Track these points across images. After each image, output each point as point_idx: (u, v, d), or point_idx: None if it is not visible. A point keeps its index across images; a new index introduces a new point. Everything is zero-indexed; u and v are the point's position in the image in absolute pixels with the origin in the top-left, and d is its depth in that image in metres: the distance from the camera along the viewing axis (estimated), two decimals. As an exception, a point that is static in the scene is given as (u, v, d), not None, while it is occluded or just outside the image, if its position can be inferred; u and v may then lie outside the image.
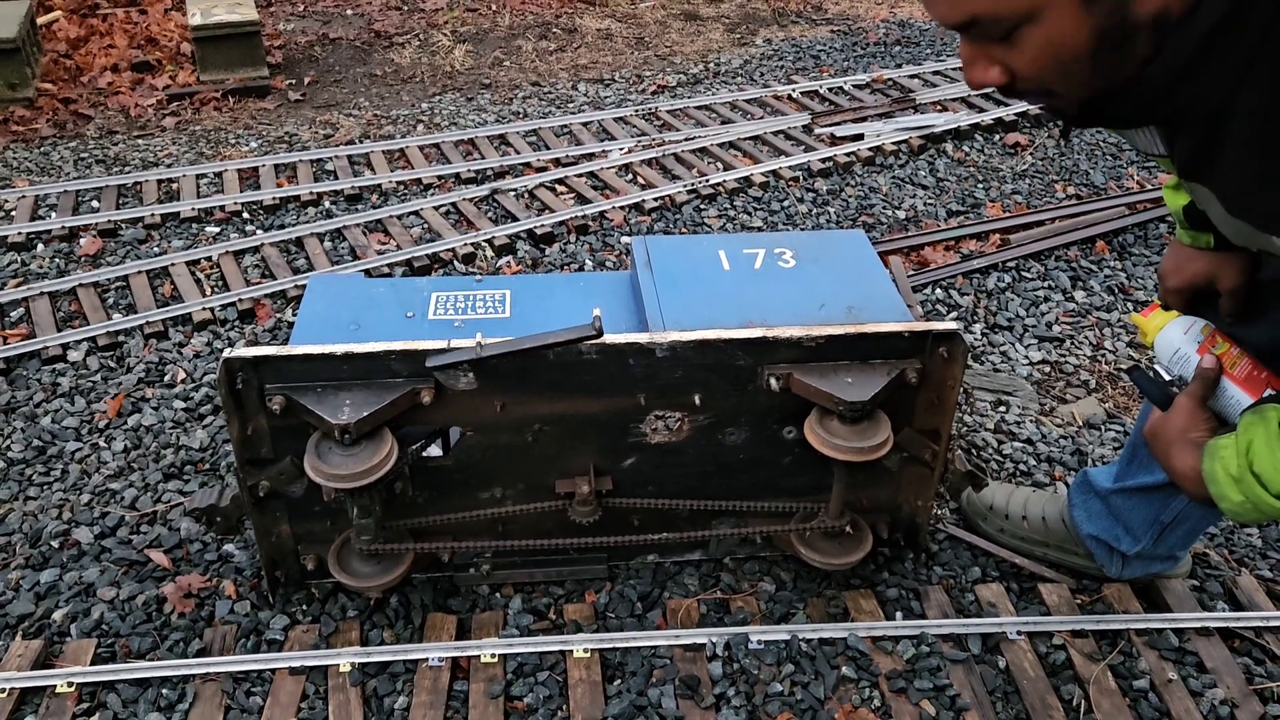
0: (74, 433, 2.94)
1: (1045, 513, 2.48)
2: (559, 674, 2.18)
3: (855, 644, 2.22)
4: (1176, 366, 1.73)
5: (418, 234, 3.98)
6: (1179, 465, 1.58)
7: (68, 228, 3.94)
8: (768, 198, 4.30)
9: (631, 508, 2.27)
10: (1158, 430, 1.64)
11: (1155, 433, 1.65)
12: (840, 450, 2.07)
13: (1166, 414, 1.64)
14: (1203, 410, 1.60)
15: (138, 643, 2.26)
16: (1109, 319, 3.57)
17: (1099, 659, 2.22)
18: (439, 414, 2.13)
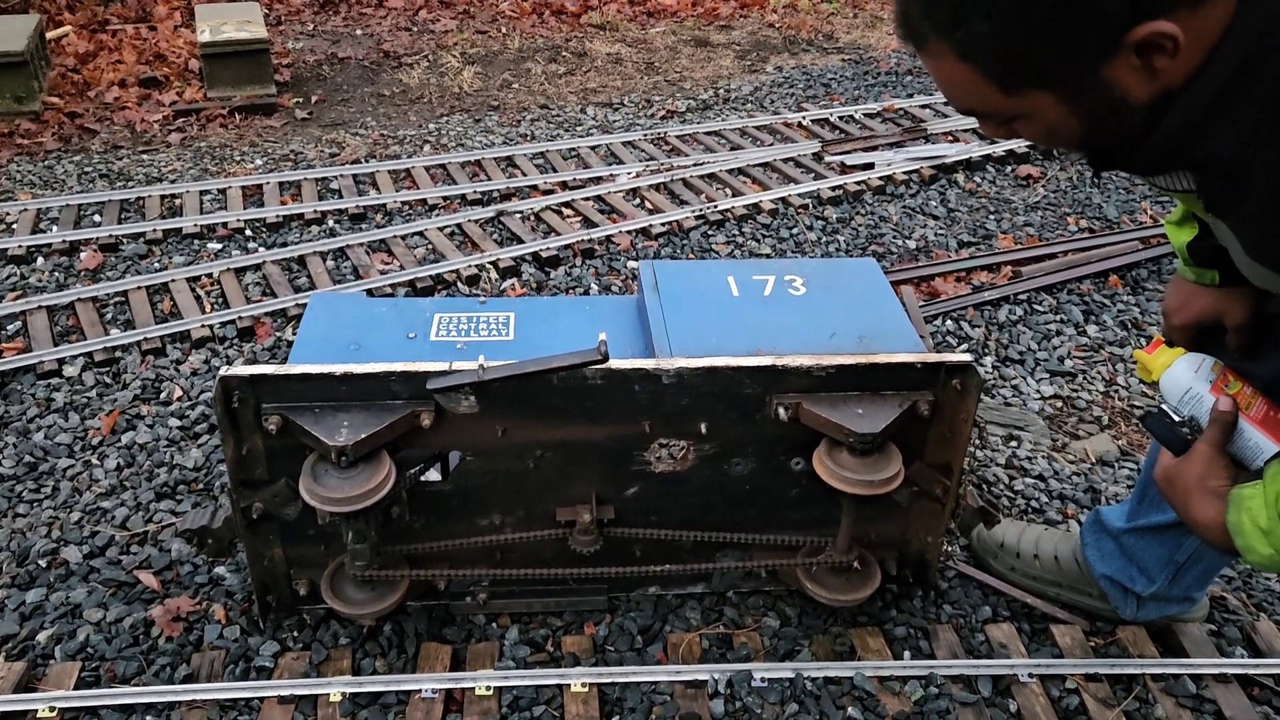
0: (67, 449, 2.89)
1: (1058, 552, 2.41)
2: (555, 709, 2.11)
3: (862, 684, 2.15)
4: (1187, 407, 1.66)
5: (421, 254, 3.94)
6: (1201, 516, 1.52)
7: (68, 242, 3.91)
8: (776, 225, 4.26)
9: (633, 538, 2.21)
10: (1173, 477, 1.58)
11: (1170, 479, 1.59)
12: (849, 483, 2.02)
13: (1183, 460, 1.57)
14: (1222, 457, 1.54)
15: (123, 667, 2.20)
16: (1122, 354, 3.51)
17: (1113, 705, 2.15)
18: (439, 437, 2.07)
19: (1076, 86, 1.14)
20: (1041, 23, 1.09)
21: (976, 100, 1.23)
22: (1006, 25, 1.11)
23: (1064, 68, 1.13)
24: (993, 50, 1.15)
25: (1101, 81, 1.11)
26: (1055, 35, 1.10)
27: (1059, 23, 1.08)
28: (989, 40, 1.13)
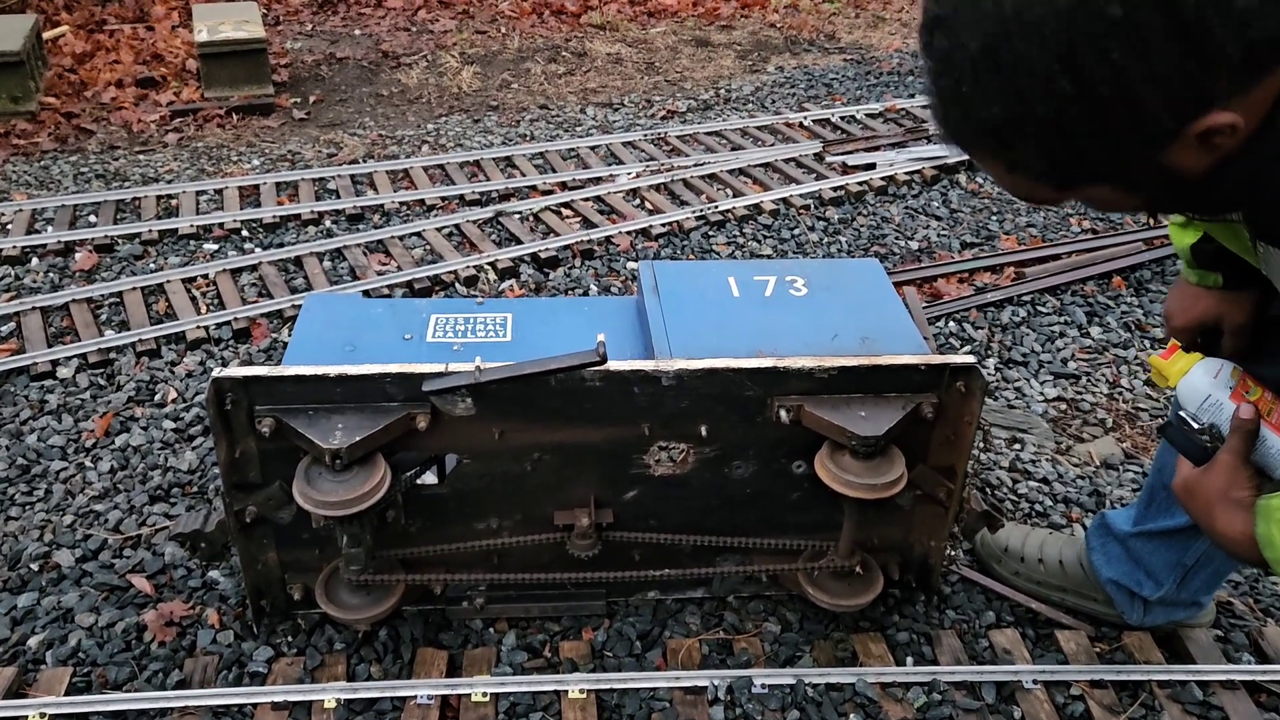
0: (60, 451, 2.86)
1: (1063, 556, 2.38)
2: (553, 715, 2.08)
3: (864, 690, 2.12)
4: (1206, 414, 1.61)
5: (419, 255, 3.91)
6: (1226, 528, 1.46)
7: (63, 242, 3.87)
8: (778, 225, 4.23)
9: (632, 542, 2.17)
10: (1194, 488, 1.52)
11: (1191, 491, 1.53)
12: (852, 486, 1.98)
13: (1204, 471, 1.51)
14: (1245, 467, 1.49)
15: (115, 672, 2.17)
16: (1126, 356, 3.48)
17: (1119, 711, 2.12)
18: (435, 440, 2.04)
19: (1132, 178, 1.08)
20: (1090, 136, 1.01)
21: (1028, 194, 1.19)
22: (1053, 144, 1.04)
23: (1117, 169, 1.07)
24: (1041, 165, 1.09)
25: (1159, 166, 1.05)
26: (1106, 145, 1.03)
27: (1108, 134, 1.01)
28: (1037, 158, 1.07)
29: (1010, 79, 0.98)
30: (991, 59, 0.98)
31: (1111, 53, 0.92)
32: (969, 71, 1.01)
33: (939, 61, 1.05)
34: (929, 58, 1.06)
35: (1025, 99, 0.98)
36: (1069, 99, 0.97)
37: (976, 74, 1.00)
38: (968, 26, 0.99)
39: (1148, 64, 0.92)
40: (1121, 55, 0.92)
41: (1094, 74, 0.94)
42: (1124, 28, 0.90)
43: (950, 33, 1.01)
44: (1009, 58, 0.97)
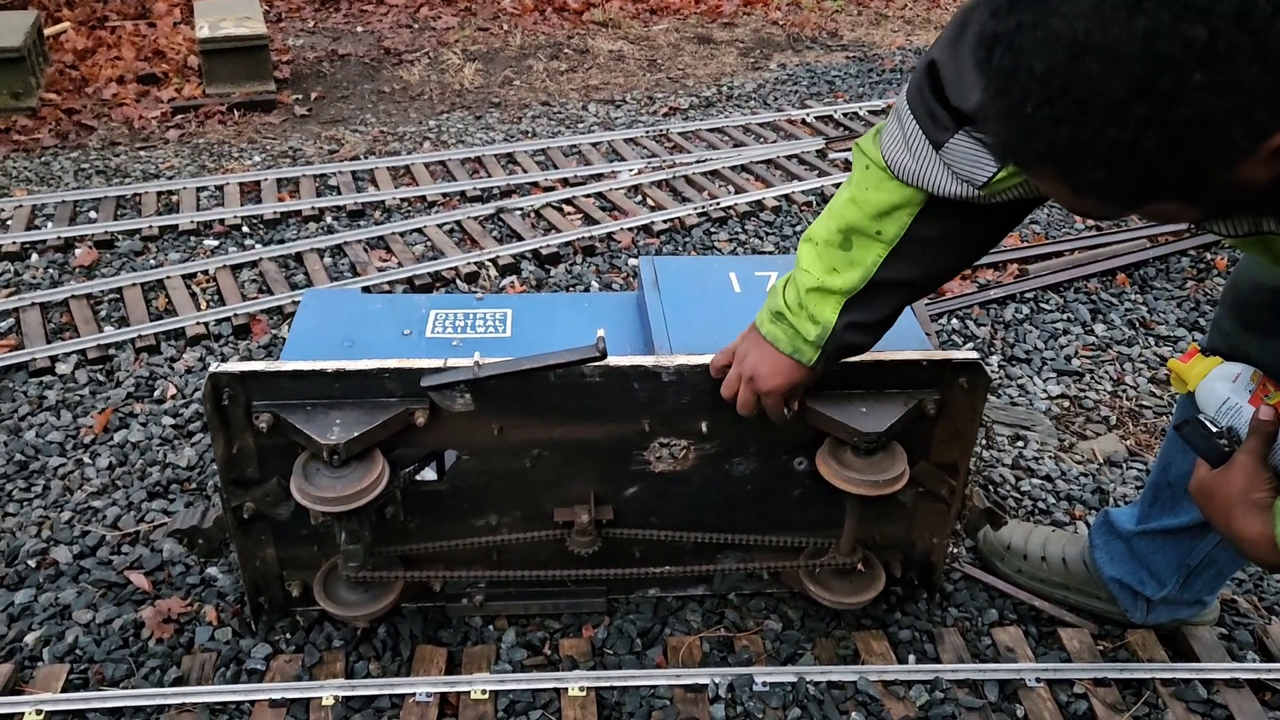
0: (58, 448, 2.84)
1: (1066, 554, 2.36)
2: (552, 713, 2.06)
3: (865, 688, 2.11)
4: (1225, 418, 1.60)
5: (420, 251, 3.89)
6: (1245, 531, 1.46)
7: (63, 238, 3.86)
8: (780, 222, 4.21)
9: (633, 539, 2.16)
10: (1211, 490, 1.52)
11: (1208, 493, 1.52)
12: (853, 483, 1.97)
13: (1221, 473, 1.50)
14: (1264, 469, 1.48)
15: (112, 669, 2.16)
16: (1130, 354, 3.46)
17: (1123, 710, 2.10)
18: (434, 436, 2.03)
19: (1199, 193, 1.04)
20: (1164, 158, 0.96)
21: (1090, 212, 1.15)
22: (1124, 166, 0.98)
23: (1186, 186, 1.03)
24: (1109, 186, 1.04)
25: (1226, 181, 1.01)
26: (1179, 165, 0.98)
27: (1183, 155, 0.96)
28: (1105, 180, 1.02)
29: (1081, 102, 0.93)
30: (1061, 81, 0.93)
31: (1193, 75, 0.87)
32: (1035, 93, 0.95)
33: (1000, 80, 0.99)
34: (986, 75, 1.01)
35: (1097, 122, 0.93)
36: (1145, 122, 0.91)
37: (1044, 96, 0.94)
38: (1034, 46, 0.93)
39: (1230, 86, 0.87)
40: (1203, 77, 0.87)
41: (1173, 97, 0.89)
42: (1208, 50, 0.86)
43: (1014, 51, 0.95)
44: (1080, 81, 0.91)
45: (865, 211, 1.65)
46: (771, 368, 1.80)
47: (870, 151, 1.66)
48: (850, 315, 1.71)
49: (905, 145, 1.57)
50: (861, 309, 1.71)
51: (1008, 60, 0.96)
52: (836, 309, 1.71)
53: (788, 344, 1.76)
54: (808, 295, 1.71)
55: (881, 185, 1.64)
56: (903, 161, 1.58)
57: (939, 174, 1.55)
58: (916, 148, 1.55)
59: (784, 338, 1.77)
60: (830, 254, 1.69)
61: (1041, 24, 0.92)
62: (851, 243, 1.67)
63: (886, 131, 1.62)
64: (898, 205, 1.63)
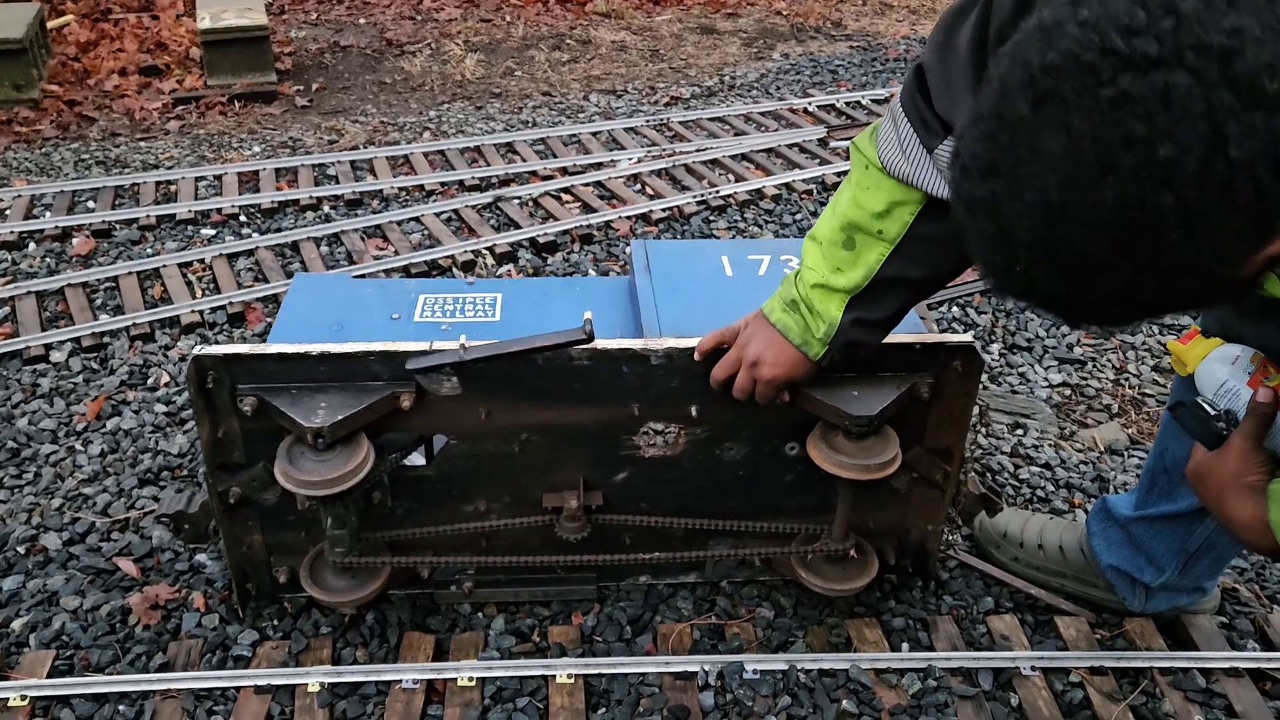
0: (50, 435, 2.83)
1: (1063, 541, 2.33)
2: (540, 700, 2.04)
3: (858, 676, 2.08)
4: (1224, 401, 1.57)
5: (417, 240, 3.87)
6: (1238, 514, 1.44)
7: (61, 227, 3.85)
8: (779, 210, 4.18)
9: (623, 525, 2.13)
10: (1205, 473, 1.50)
11: (1203, 475, 1.50)
12: (845, 468, 1.94)
13: (1216, 455, 1.48)
14: (1259, 451, 1.45)
15: (98, 655, 2.14)
16: (1133, 342, 3.42)
17: (1119, 698, 2.07)
18: (421, 420, 2.00)
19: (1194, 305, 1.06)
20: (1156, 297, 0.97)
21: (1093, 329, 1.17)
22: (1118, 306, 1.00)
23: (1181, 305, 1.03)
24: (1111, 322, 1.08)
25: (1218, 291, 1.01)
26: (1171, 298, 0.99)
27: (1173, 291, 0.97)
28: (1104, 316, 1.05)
29: (1069, 264, 0.94)
30: (1044, 247, 0.93)
31: (1169, 235, 0.88)
32: (1023, 255, 0.96)
33: (986, 241, 0.99)
34: (972, 233, 1.00)
35: (1089, 279, 0.94)
36: (1133, 274, 0.92)
37: (1032, 257, 0.95)
38: (1012, 214, 0.93)
39: (1207, 236, 0.88)
40: (1178, 235, 0.88)
41: (1156, 254, 0.90)
42: (1179, 212, 0.86)
43: (993, 218, 0.96)
44: (1063, 245, 0.92)
45: (866, 210, 1.66)
46: (776, 356, 1.81)
47: (868, 151, 1.66)
48: (855, 312, 1.73)
49: (900, 148, 1.58)
50: (865, 307, 1.73)
51: (990, 226, 0.96)
52: (841, 306, 1.72)
53: (799, 335, 1.78)
54: (813, 291, 1.73)
55: (880, 185, 1.64)
56: (898, 163, 1.59)
57: (933, 177, 1.56)
58: (911, 150, 1.56)
59: (795, 329, 1.78)
60: (834, 252, 1.70)
61: (1015, 194, 0.92)
62: (855, 241, 1.68)
63: (882, 132, 1.62)
64: (897, 204, 1.64)
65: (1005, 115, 0.92)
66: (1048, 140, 0.89)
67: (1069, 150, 0.88)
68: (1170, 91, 0.84)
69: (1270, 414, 1.45)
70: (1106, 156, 0.86)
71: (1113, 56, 0.86)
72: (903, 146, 1.58)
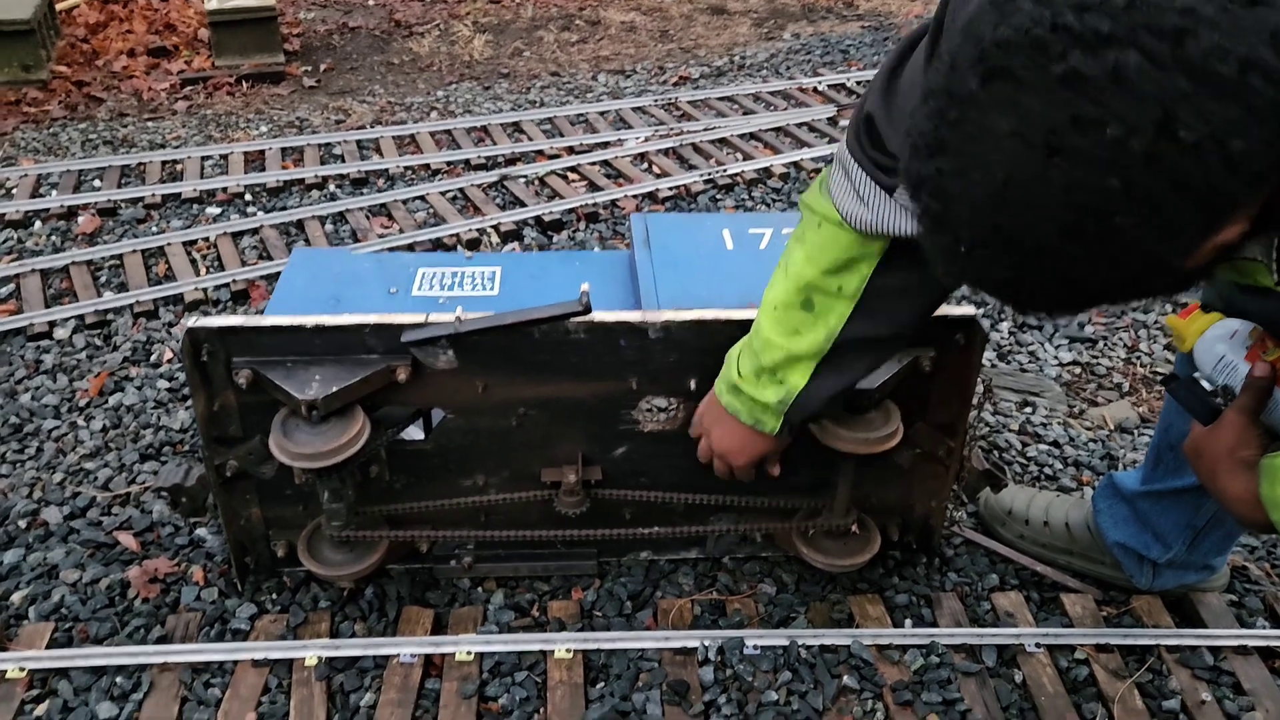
0: (53, 410, 2.83)
1: (1069, 519, 2.30)
2: (538, 674, 2.03)
3: (859, 652, 2.06)
4: (1221, 376, 1.54)
5: (422, 218, 3.86)
6: (1230, 489, 1.43)
7: (67, 206, 3.85)
8: (787, 189, 4.14)
9: (622, 500, 2.12)
10: (1201, 448, 1.49)
11: (1199, 451, 1.49)
12: (846, 442, 1.91)
13: (1211, 430, 1.47)
14: (1254, 426, 1.43)
15: (96, 628, 2.14)
16: (1145, 320, 3.38)
17: (1125, 676, 2.04)
18: (417, 394, 1.99)
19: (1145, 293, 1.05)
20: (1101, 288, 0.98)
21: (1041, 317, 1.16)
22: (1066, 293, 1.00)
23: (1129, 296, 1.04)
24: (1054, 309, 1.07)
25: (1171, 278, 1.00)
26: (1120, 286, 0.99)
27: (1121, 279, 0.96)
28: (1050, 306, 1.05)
29: (1013, 245, 0.92)
30: (990, 228, 0.92)
31: (1115, 218, 0.87)
32: (966, 236, 0.95)
33: (931, 220, 0.98)
34: (920, 211, 0.99)
35: (1033, 262, 0.94)
36: (1079, 259, 0.91)
37: (975, 238, 0.94)
38: (958, 192, 0.92)
39: (1155, 222, 0.87)
40: (1125, 219, 0.87)
41: (1102, 238, 0.89)
42: (1126, 196, 0.85)
43: (939, 196, 0.95)
44: (1008, 227, 0.91)
45: (822, 268, 1.60)
46: (737, 443, 1.82)
47: (821, 207, 1.59)
48: (819, 380, 1.68)
49: (857, 196, 1.52)
50: (830, 374, 1.68)
51: (936, 205, 0.95)
52: (806, 374, 1.67)
53: (747, 414, 1.75)
54: (780, 364, 1.68)
55: (836, 240, 1.58)
56: (857, 212, 1.52)
57: (897, 217, 1.49)
58: (870, 197, 1.50)
59: (743, 409, 1.75)
60: (791, 315, 1.65)
61: (961, 173, 0.91)
62: (813, 303, 1.63)
63: (834, 185, 1.56)
64: (855, 259, 1.58)
65: (955, 91, 0.91)
66: (996, 118, 0.88)
67: (1016, 129, 0.86)
68: (1121, 71, 0.82)
69: (1266, 388, 1.43)
70: (1054, 137, 0.85)
71: (1064, 33, 0.84)
72: (860, 195, 1.51)
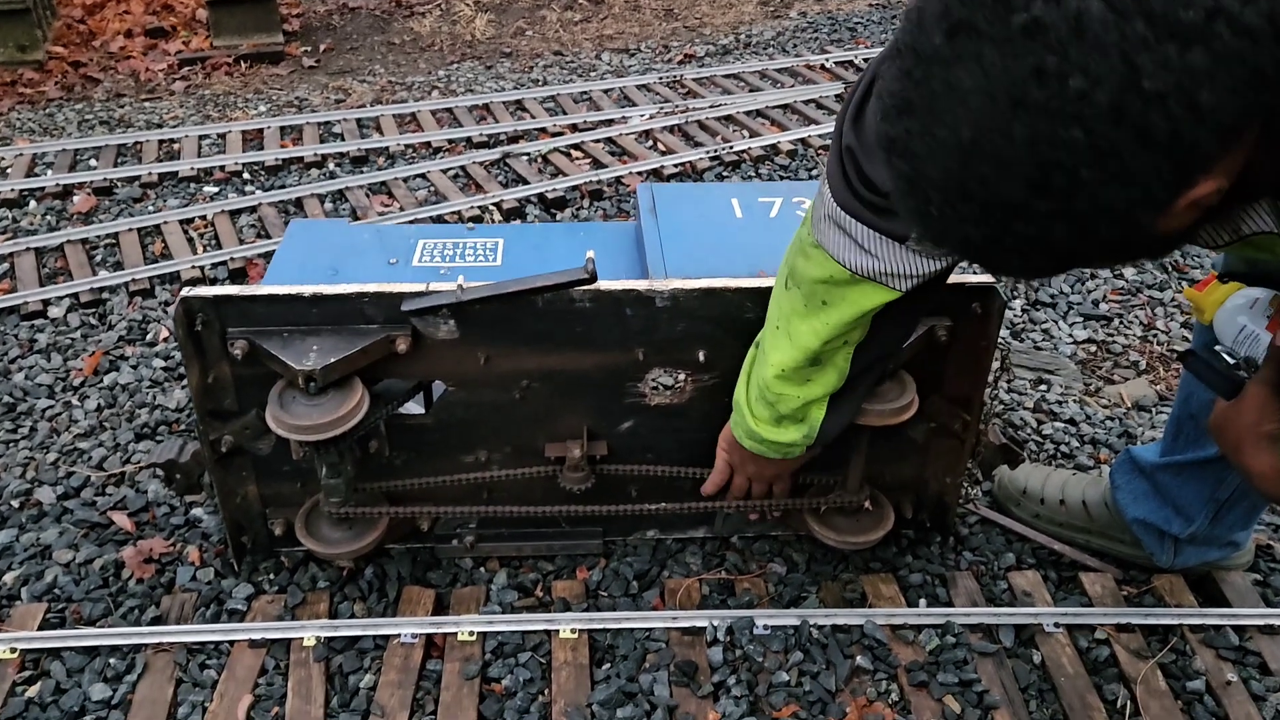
0: (47, 390, 2.78)
1: (1086, 497, 2.24)
2: (542, 655, 1.97)
3: (872, 632, 2.00)
4: (1243, 348, 1.48)
5: (423, 196, 3.79)
6: (1255, 464, 1.38)
7: (62, 185, 3.79)
8: (795, 166, 4.07)
9: (629, 476, 2.05)
10: (1223, 423, 1.43)
11: (1221, 426, 1.44)
12: (860, 413, 1.85)
13: (1234, 404, 1.41)
14: (1278, 398, 1.37)
15: (90, 608, 2.08)
16: (1161, 298, 3.31)
17: (1147, 656, 1.98)
18: (417, 365, 1.93)
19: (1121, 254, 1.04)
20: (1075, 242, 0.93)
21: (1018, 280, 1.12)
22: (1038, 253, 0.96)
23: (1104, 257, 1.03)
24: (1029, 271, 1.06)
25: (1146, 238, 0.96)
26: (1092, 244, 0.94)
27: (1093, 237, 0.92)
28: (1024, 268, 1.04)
29: (982, 204, 0.91)
30: (958, 187, 0.91)
31: (1081, 172, 0.85)
32: (936, 197, 0.93)
33: (903, 183, 0.96)
34: (890, 173, 0.98)
35: (1002, 221, 0.92)
36: (1048, 215, 0.89)
37: (945, 199, 0.93)
38: (926, 153, 0.91)
39: (1122, 176, 0.85)
40: (1092, 173, 0.85)
41: (1069, 193, 0.87)
42: (1091, 149, 0.83)
43: (908, 157, 0.93)
44: (976, 185, 0.89)
45: (837, 330, 1.60)
46: (773, 471, 1.93)
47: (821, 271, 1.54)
48: (836, 409, 1.75)
49: (860, 249, 1.48)
50: (845, 400, 1.75)
51: (905, 166, 0.94)
52: (824, 408, 1.74)
53: (774, 452, 1.81)
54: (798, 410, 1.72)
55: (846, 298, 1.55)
56: (865, 264, 1.49)
57: (912, 261, 1.47)
58: (874, 246, 1.47)
59: (770, 450, 1.81)
60: (801, 373, 1.68)
61: (928, 133, 0.90)
62: (821, 359, 1.66)
63: (832, 244, 1.51)
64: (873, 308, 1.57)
65: (920, 49, 0.90)
66: (960, 74, 0.86)
67: (981, 85, 0.85)
68: (1083, 19, 0.80)
69: None
70: (1017, 90, 0.83)
71: None
72: (864, 246, 1.47)
